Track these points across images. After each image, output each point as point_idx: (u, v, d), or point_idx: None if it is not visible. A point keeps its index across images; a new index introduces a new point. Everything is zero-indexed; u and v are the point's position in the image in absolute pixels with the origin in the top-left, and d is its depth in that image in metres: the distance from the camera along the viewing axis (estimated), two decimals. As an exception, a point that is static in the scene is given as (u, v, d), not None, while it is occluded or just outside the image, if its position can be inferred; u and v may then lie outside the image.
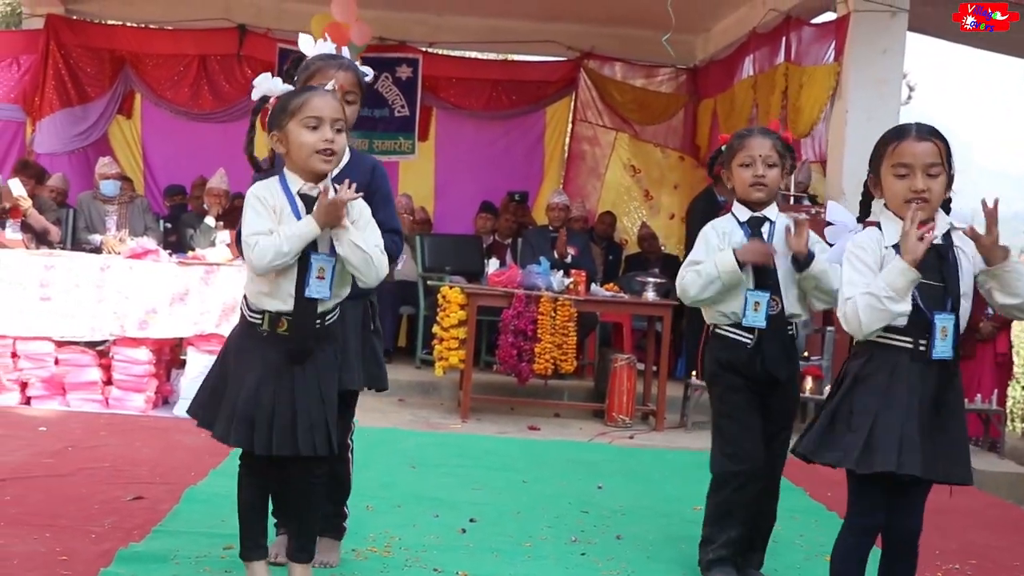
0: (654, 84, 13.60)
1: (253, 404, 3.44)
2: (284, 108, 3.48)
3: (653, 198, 13.27)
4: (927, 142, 3.34)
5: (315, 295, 3.46)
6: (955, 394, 3.37)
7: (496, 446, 7.10)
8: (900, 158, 3.35)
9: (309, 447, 3.47)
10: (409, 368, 10.16)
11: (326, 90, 3.54)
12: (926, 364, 3.31)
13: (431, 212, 12.56)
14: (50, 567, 3.86)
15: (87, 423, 6.81)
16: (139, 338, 7.55)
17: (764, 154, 4.17)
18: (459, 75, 13.44)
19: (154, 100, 12.76)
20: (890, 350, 3.36)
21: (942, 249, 3.35)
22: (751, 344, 4.15)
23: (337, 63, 3.98)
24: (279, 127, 3.49)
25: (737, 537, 4.23)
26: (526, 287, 8.32)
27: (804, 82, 9.95)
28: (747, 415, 4.22)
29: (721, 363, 4.25)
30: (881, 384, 3.34)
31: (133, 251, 7.84)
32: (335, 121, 3.48)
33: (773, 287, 4.14)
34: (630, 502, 5.67)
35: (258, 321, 3.50)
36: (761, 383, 4.18)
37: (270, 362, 3.47)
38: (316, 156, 3.45)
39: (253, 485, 3.63)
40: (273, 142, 3.53)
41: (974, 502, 6.42)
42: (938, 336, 3.30)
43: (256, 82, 3.58)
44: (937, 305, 3.32)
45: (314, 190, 3.49)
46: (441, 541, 4.61)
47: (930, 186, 3.32)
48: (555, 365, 8.23)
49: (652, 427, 8.43)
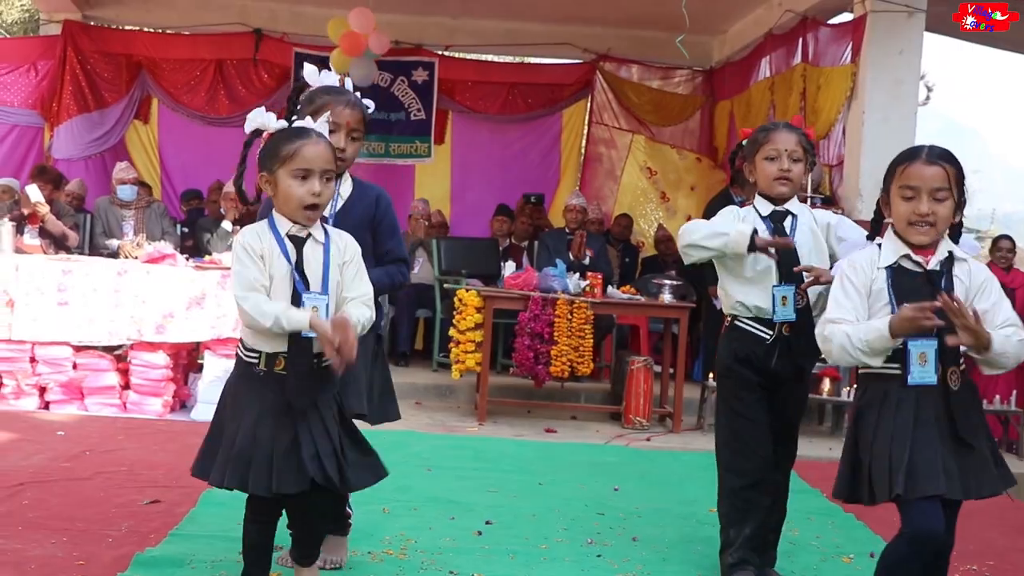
0: (670, 86, 13.59)
1: (250, 443, 3.36)
2: (276, 153, 3.43)
3: (669, 200, 13.25)
4: (936, 167, 3.33)
5: (311, 334, 3.38)
6: (966, 416, 3.31)
7: (512, 449, 7.09)
8: (908, 180, 3.34)
9: (320, 474, 3.37)
10: (426, 371, 10.17)
11: (320, 137, 3.49)
12: (920, 391, 3.30)
13: (447, 215, 12.56)
14: (67, 571, 3.87)
15: (104, 427, 6.84)
16: (156, 342, 7.59)
17: (790, 148, 4.17)
18: (475, 78, 13.47)
19: (171, 105, 12.80)
20: (880, 379, 3.38)
21: (934, 276, 3.35)
22: (770, 340, 4.15)
23: (345, 100, 3.98)
24: (269, 170, 3.46)
25: (753, 534, 4.23)
26: (542, 290, 8.31)
27: (822, 83, 9.94)
28: (758, 413, 4.22)
29: (737, 357, 4.24)
30: (873, 415, 3.36)
31: (150, 256, 7.87)
32: (324, 172, 3.44)
33: (799, 281, 4.12)
34: (646, 504, 5.66)
35: (255, 360, 3.44)
36: (774, 379, 4.18)
37: (268, 402, 3.39)
38: (302, 212, 3.42)
39: (258, 526, 3.57)
40: (262, 183, 3.50)
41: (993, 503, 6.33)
42: (915, 362, 3.29)
43: (249, 116, 3.53)
44: (922, 331, 3.26)
45: (303, 231, 3.46)
46: (457, 543, 4.62)
47: (935, 210, 3.31)
48: (572, 368, 8.22)
49: (669, 429, 8.42)
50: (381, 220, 4.06)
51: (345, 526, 4.26)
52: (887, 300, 3.36)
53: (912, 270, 3.38)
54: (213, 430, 3.52)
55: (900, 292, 3.35)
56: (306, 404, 3.39)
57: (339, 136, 3.94)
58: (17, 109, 12.45)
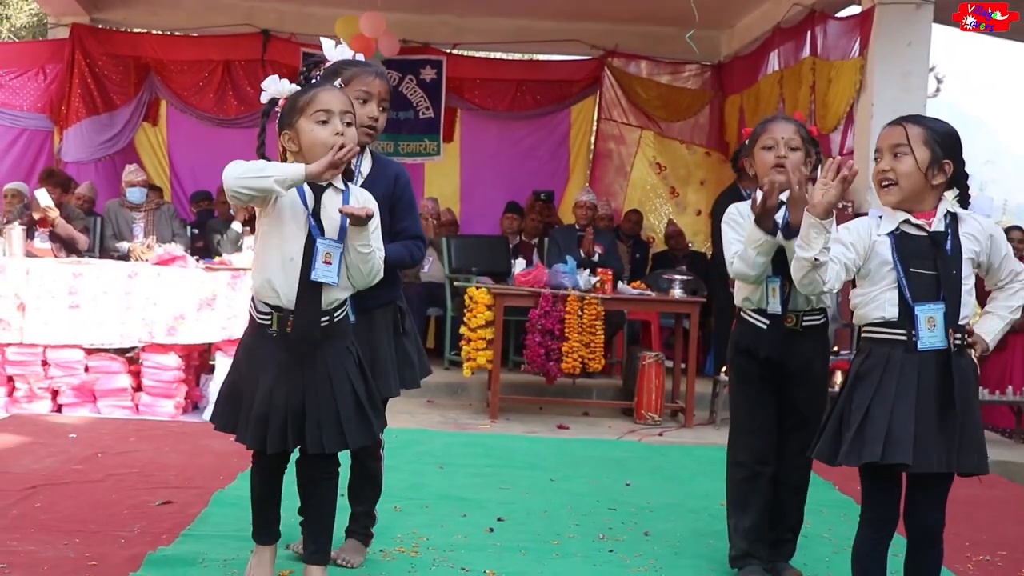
0: (679, 81, 13.54)
1: (267, 404, 3.46)
2: (293, 106, 3.51)
3: (679, 195, 13.24)
4: (896, 126, 3.44)
5: (322, 278, 3.45)
6: (964, 383, 3.34)
7: (524, 445, 7.09)
8: (877, 145, 3.47)
9: (316, 445, 3.49)
10: (438, 369, 10.14)
11: (332, 85, 3.58)
12: (922, 356, 3.33)
13: (457, 213, 12.56)
14: (79, 572, 3.88)
15: (117, 429, 6.85)
16: (168, 344, 7.60)
17: (787, 137, 4.16)
18: (483, 76, 13.44)
19: (179, 107, 12.82)
20: (885, 344, 3.40)
21: (938, 237, 3.39)
22: (766, 328, 4.17)
23: (373, 70, 4.00)
24: (290, 126, 3.51)
25: (752, 526, 4.24)
26: (553, 286, 8.31)
27: (832, 77, 9.90)
28: (757, 404, 4.25)
29: (738, 347, 4.28)
30: (875, 379, 3.37)
31: (160, 258, 7.88)
32: (344, 114, 3.50)
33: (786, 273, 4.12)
34: (658, 499, 5.66)
35: (267, 322, 3.51)
36: (777, 371, 4.18)
37: (281, 362, 3.48)
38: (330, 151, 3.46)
39: (264, 482, 3.70)
40: (285, 141, 3.54)
41: (1006, 494, 6.38)
42: (924, 327, 3.33)
43: (264, 84, 3.60)
44: (929, 295, 3.34)
45: (322, 180, 3.49)
46: (469, 540, 4.61)
47: (893, 166, 3.40)
48: (583, 364, 8.21)
49: (681, 424, 8.40)
50: (400, 197, 4.07)
51: (368, 534, 4.29)
52: (892, 265, 3.40)
53: (915, 234, 3.41)
54: (229, 384, 3.63)
55: (904, 256, 3.38)
56: (307, 347, 3.46)
57: (372, 105, 3.96)
58: (26, 113, 12.47)
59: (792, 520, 4.34)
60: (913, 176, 3.39)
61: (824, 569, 4.48)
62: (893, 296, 3.38)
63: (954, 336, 3.32)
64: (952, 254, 3.37)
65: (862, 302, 3.47)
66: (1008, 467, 7.27)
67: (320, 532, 3.68)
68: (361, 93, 3.90)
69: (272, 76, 3.63)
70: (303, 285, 3.45)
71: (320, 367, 3.50)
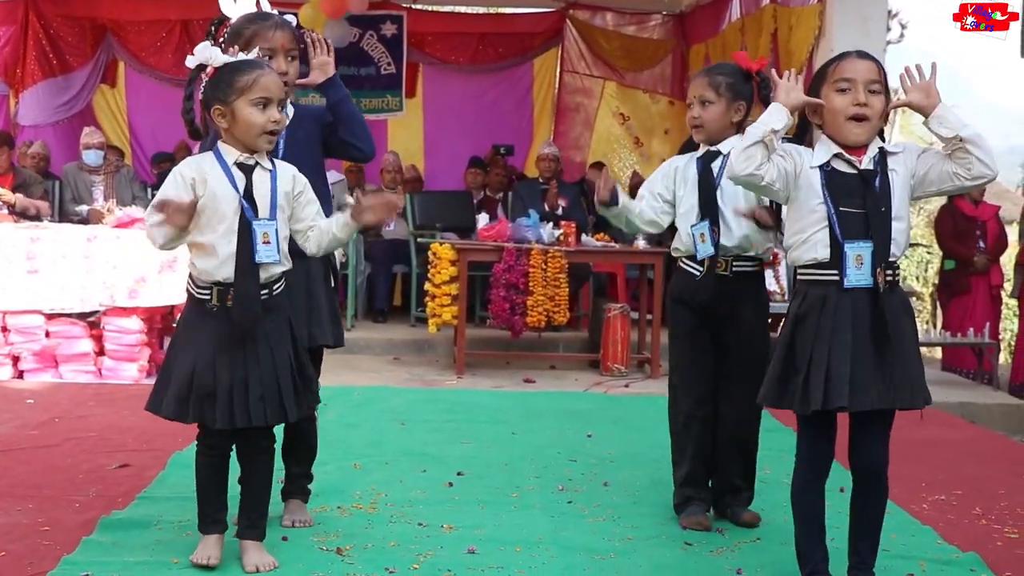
0: (645, 32, 13.47)
1: (211, 378, 3.43)
2: (231, 84, 3.46)
3: (643, 145, 13.20)
4: (868, 60, 3.38)
5: (266, 259, 3.48)
6: (895, 319, 3.33)
7: (487, 400, 7.09)
8: (842, 74, 3.36)
9: (260, 418, 3.47)
10: (404, 327, 10.16)
11: (269, 67, 3.59)
12: (854, 295, 3.32)
13: (421, 169, 12.50)
14: (31, 537, 3.85)
15: (76, 394, 6.81)
16: (130, 307, 7.54)
17: (699, 94, 4.19)
18: (444, 30, 13.34)
19: (137, 67, 12.67)
20: (819, 285, 3.38)
21: (867, 174, 3.36)
22: (699, 276, 4.18)
23: (272, 23, 3.93)
24: (223, 102, 3.47)
25: (688, 474, 4.30)
26: (516, 240, 8.28)
27: (793, 24, 9.86)
28: (689, 355, 4.28)
29: (674, 296, 4.34)
30: (813, 321, 3.36)
31: (120, 220, 7.81)
32: (280, 101, 3.54)
33: (713, 217, 4.14)
34: (619, 449, 5.66)
35: (207, 296, 3.50)
36: (711, 317, 4.21)
37: (222, 336, 3.46)
38: (263, 137, 3.49)
39: (212, 462, 3.62)
40: (215, 115, 3.51)
41: (965, 434, 6.44)
42: (851, 265, 3.31)
43: (196, 50, 3.55)
44: (858, 234, 3.32)
45: (251, 159, 3.51)
46: (427, 495, 4.61)
47: (871, 102, 3.34)
48: (548, 317, 8.20)
49: (648, 375, 8.42)
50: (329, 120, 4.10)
51: (306, 491, 4.26)
52: (821, 199, 3.37)
53: (845, 171, 3.38)
54: (166, 366, 3.57)
55: (834, 192, 3.36)
56: (248, 327, 3.44)
57: (279, 60, 3.90)
58: (-21, 77, 12.31)
59: (741, 466, 4.36)
60: (880, 116, 3.38)
61: (782, 514, 4.45)
62: (824, 236, 3.36)
63: (884, 274, 3.31)
64: (880, 191, 3.34)
65: (795, 243, 3.45)
66: (969, 408, 7.35)
67: (254, 507, 3.65)
68: (264, 51, 3.85)
69: (203, 43, 3.59)
70: (241, 265, 3.45)
71: (262, 341, 3.49)
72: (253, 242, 3.45)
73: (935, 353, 10.11)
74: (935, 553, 4.02)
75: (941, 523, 4.42)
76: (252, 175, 3.51)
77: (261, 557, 3.61)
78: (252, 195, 3.49)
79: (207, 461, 3.62)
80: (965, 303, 9.57)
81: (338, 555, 3.78)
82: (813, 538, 3.49)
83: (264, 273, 3.50)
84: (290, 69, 3.95)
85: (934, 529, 4.32)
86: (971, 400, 7.58)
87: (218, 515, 3.65)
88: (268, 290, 3.53)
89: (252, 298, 3.46)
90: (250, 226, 3.46)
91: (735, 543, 4.12)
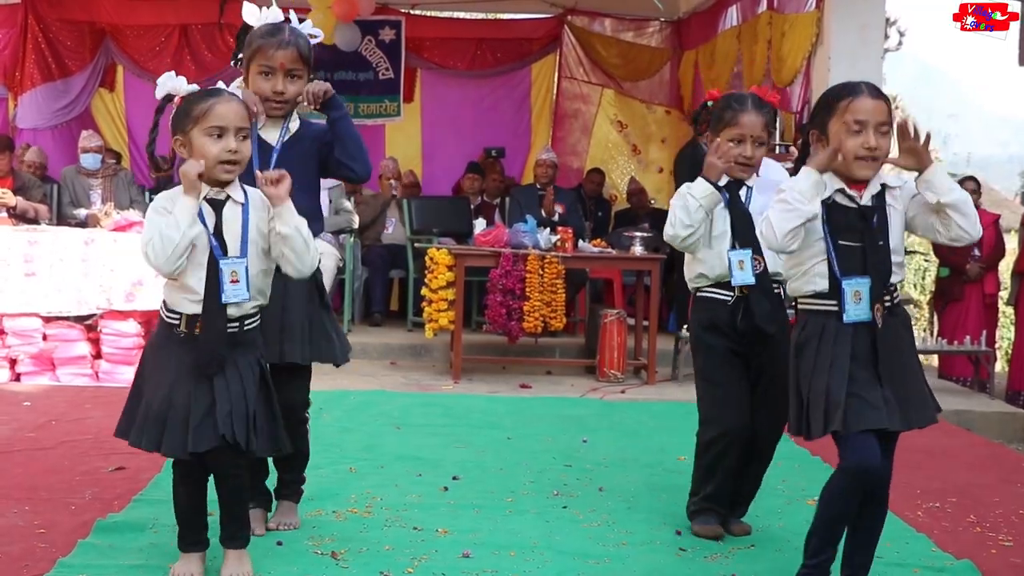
0: (642, 38, 13.47)
1: (166, 405, 3.35)
2: (188, 113, 3.40)
3: (641, 152, 13.21)
4: (879, 100, 3.39)
5: (233, 299, 3.38)
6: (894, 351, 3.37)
7: (483, 405, 7.10)
8: (856, 114, 3.36)
9: (228, 430, 3.33)
10: (400, 331, 10.17)
11: (232, 95, 3.46)
12: (855, 324, 3.36)
13: (419, 174, 12.50)
14: (27, 540, 3.86)
15: (72, 397, 6.82)
16: (127, 311, 7.53)
17: (756, 134, 4.10)
18: (442, 35, 13.33)
19: (136, 72, 12.64)
20: (819, 315, 3.43)
21: (867, 211, 3.40)
22: (731, 300, 4.13)
23: (277, 41, 3.90)
24: (182, 132, 3.42)
25: (714, 493, 4.24)
26: (513, 246, 8.30)
27: (787, 30, 9.87)
28: (728, 379, 4.19)
29: (703, 325, 4.22)
30: (812, 348, 3.40)
31: (117, 224, 7.82)
32: (239, 130, 3.40)
33: (755, 246, 4.09)
34: (615, 455, 5.68)
35: (176, 322, 3.42)
36: (745, 342, 4.14)
37: (186, 364, 3.37)
38: (219, 167, 3.38)
39: (188, 489, 3.54)
40: (176, 146, 3.45)
41: (960, 442, 6.45)
42: (849, 300, 3.35)
43: (159, 81, 3.49)
44: (855, 269, 3.36)
45: (221, 194, 3.43)
46: (423, 500, 4.62)
47: (880, 144, 3.36)
48: (545, 323, 8.22)
49: (644, 381, 8.43)
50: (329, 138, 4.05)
51: (298, 492, 4.25)
52: (821, 235, 3.41)
53: (846, 205, 3.42)
54: (133, 391, 3.51)
55: (834, 227, 3.39)
56: (213, 369, 3.36)
57: (276, 79, 3.90)
58: (-22, 80, 12.30)
59: (752, 487, 4.38)
60: (886, 155, 3.40)
61: (776, 520, 4.52)
62: (823, 269, 3.41)
63: (883, 307, 3.36)
64: (878, 226, 3.39)
65: (795, 275, 3.50)
66: (964, 416, 7.36)
67: (232, 520, 3.58)
68: (263, 68, 3.86)
69: (169, 73, 3.52)
70: (207, 304, 3.36)
71: (231, 371, 3.40)
72: (220, 281, 3.36)
73: (932, 361, 10.13)
74: (929, 560, 4.03)
75: (936, 531, 4.44)
76: (222, 211, 3.42)
77: (239, 567, 3.56)
78: (222, 232, 3.40)
79: (183, 487, 3.54)
80: (959, 311, 9.60)
81: (333, 559, 3.79)
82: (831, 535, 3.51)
83: (235, 310, 3.41)
84: (290, 88, 3.92)
85: (928, 537, 4.33)
86: (967, 408, 7.59)
87: (198, 536, 3.58)
88: (239, 324, 3.44)
89: (218, 336, 3.37)
90: (218, 265, 3.37)
91: (729, 549, 4.12)
